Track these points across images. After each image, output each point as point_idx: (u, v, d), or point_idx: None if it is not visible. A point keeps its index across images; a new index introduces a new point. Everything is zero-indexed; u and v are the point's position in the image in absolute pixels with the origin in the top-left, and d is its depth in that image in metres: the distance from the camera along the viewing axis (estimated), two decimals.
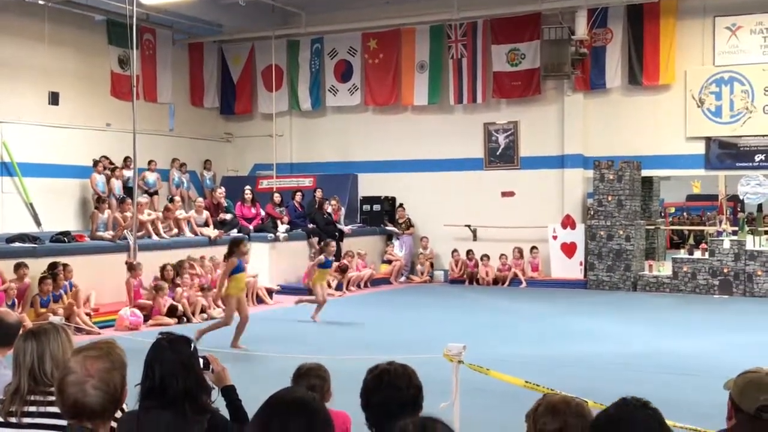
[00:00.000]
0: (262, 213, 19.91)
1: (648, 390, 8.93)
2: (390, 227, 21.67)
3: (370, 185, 22.35)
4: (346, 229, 20.59)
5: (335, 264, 19.26)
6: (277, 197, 20.32)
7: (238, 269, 12.06)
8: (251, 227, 19.24)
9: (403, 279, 21.10)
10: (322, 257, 15.19)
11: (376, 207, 22.11)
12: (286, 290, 18.36)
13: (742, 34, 18.62)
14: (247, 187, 20.46)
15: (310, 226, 19.97)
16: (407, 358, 4.02)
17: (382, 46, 22.06)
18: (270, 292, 17.64)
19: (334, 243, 15.70)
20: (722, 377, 3.65)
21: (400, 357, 3.79)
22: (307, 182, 22.26)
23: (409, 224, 21.63)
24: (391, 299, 18.23)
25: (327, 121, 23.19)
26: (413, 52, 21.71)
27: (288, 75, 23.24)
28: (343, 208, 21.41)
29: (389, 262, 21.15)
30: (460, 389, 6.22)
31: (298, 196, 20.71)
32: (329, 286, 18.55)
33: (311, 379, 4.40)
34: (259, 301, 17.19)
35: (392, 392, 3.32)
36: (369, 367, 3.49)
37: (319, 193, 20.54)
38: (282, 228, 19.43)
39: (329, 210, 20.42)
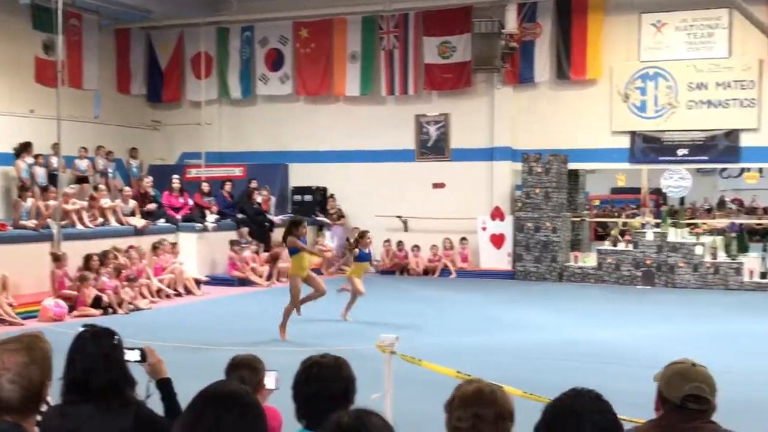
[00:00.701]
0: (191, 202, 19.64)
1: (576, 378, 9.08)
2: (321, 218, 21.61)
3: (301, 175, 22.25)
4: (277, 219, 20.46)
5: (265, 254, 19.17)
6: (205, 186, 20.07)
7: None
8: (179, 217, 18.97)
9: (333, 269, 21.05)
10: (357, 250, 13.83)
11: (308, 197, 22.02)
12: (214, 281, 18.18)
13: (667, 30, 19.06)
14: (175, 176, 20.16)
15: (240, 216, 19.78)
16: (340, 350, 4.02)
17: (313, 35, 21.94)
18: (198, 282, 17.42)
19: (370, 233, 14.50)
20: (647, 366, 3.73)
21: (333, 348, 3.78)
22: (237, 172, 22.04)
23: (340, 215, 21.60)
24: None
25: (257, 110, 22.98)
26: (345, 42, 21.65)
27: (217, 63, 22.93)
28: (273, 198, 21.27)
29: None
30: (392, 380, 6.24)
31: (228, 186, 20.49)
32: (260, 276, 18.46)
33: (242, 371, 4.35)
34: (187, 291, 16.96)
35: (322, 385, 3.31)
36: (302, 359, 3.47)
37: (254, 184, 20.33)
38: (211, 218, 19.21)
39: (259, 200, 20.25)
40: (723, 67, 18.60)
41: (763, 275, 17.70)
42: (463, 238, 20.31)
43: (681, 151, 19.11)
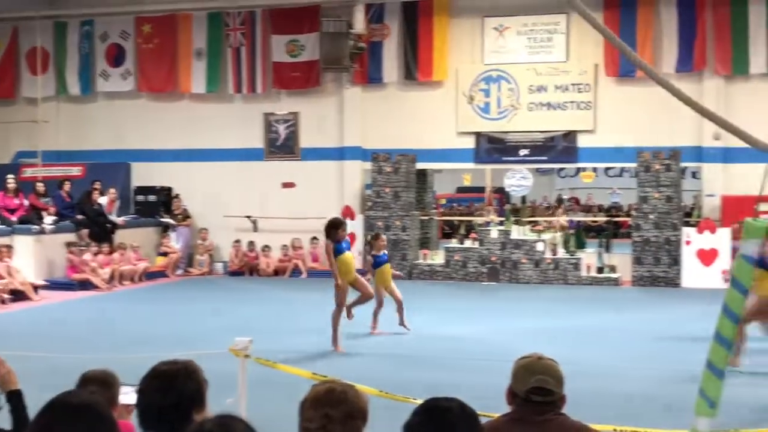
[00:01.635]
0: (27, 203, 18.67)
1: (430, 375, 9.27)
2: (166, 218, 21.05)
3: (144, 175, 21.58)
4: (119, 220, 19.76)
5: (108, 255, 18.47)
6: (40, 187, 19.10)
7: (339, 251, 11.21)
8: (14, 219, 18.00)
9: (180, 272, 20.56)
10: (369, 258, 12.59)
11: (151, 197, 21.40)
12: (53, 285, 17.35)
13: (509, 34, 19.67)
14: (10, 175, 19.08)
15: (80, 217, 18.99)
16: (192, 354, 3.89)
17: (157, 31, 21.34)
18: (35, 287, 16.57)
19: (383, 236, 13.18)
20: (497, 360, 3.79)
21: (185, 353, 3.65)
22: (76, 171, 21.17)
23: (186, 215, 21.09)
24: (168, 293, 17.73)
25: (98, 107, 22.11)
26: (190, 38, 21.17)
27: (55, 58, 21.92)
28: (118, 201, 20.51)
29: (165, 254, 20.53)
30: (247, 384, 6.11)
31: (67, 186, 19.61)
32: (102, 278, 17.77)
33: (91, 387, 4.10)
34: (24, 297, 16.10)
35: (169, 392, 3.17)
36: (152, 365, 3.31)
37: (97, 184, 19.51)
38: (48, 219, 18.32)
39: (101, 201, 19.47)
40: (561, 71, 19.38)
41: (599, 270, 18.57)
42: (314, 238, 20.23)
43: (523, 152, 19.78)
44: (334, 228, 11.26)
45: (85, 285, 17.55)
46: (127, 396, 4.07)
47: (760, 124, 14.76)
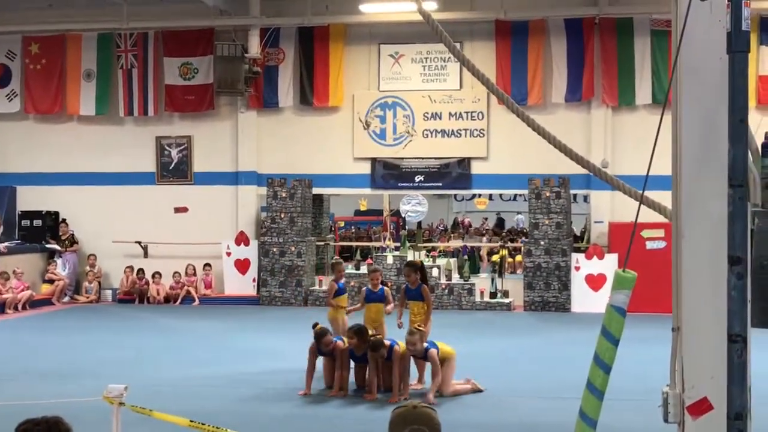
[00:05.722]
0: None
1: (324, 409, 9.13)
2: (52, 244, 20.33)
3: (30, 199, 20.83)
4: (2, 246, 18.98)
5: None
6: None
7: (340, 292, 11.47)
8: None
9: (67, 299, 19.87)
10: (335, 284, 11.90)
11: (37, 222, 20.65)
12: None
13: (405, 62, 19.85)
14: None
15: None
16: (64, 402, 3.69)
17: (45, 51, 20.70)
18: None
19: (343, 262, 12.81)
20: None
21: (57, 402, 3.45)
22: None
23: (73, 241, 20.42)
24: (54, 322, 17.04)
25: None
26: (79, 59, 20.60)
27: None
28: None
29: (51, 281, 19.80)
30: (123, 430, 5.86)
31: None
32: None
33: None
34: None
35: None
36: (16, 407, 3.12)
37: None
38: None
39: None
40: (455, 99, 19.65)
41: (492, 295, 18.80)
42: (207, 264, 19.90)
43: (418, 178, 19.94)
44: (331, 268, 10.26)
45: None
46: None
47: (645, 153, 15.33)
